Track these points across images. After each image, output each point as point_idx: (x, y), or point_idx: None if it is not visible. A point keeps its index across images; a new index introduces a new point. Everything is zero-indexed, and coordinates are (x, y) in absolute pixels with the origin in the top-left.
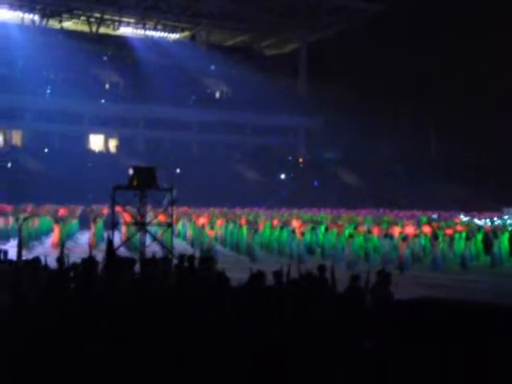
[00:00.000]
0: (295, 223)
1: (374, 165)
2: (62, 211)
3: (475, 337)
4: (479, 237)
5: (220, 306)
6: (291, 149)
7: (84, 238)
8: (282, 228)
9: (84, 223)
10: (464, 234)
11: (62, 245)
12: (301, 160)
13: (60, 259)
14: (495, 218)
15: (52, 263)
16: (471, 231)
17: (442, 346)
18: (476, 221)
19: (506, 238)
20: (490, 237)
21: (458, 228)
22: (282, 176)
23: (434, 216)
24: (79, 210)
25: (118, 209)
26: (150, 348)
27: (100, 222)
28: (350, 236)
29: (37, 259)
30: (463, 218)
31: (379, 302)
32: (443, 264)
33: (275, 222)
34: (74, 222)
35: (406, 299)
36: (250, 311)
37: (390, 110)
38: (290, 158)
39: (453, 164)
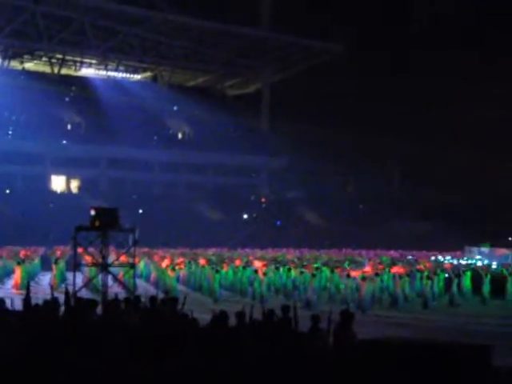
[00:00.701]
0: (257, 263)
1: (337, 204)
2: (23, 252)
3: (441, 376)
4: (441, 276)
5: (185, 346)
6: (254, 188)
7: (46, 279)
8: (244, 268)
9: (46, 264)
10: (426, 274)
11: (27, 286)
12: (263, 200)
13: (26, 300)
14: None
15: (16, 305)
16: (433, 271)
17: None
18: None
19: (468, 277)
20: (451, 276)
21: (420, 267)
22: (245, 216)
23: (410, 257)
24: (41, 251)
25: (80, 250)
26: None
27: (62, 263)
28: (313, 276)
29: (1, 301)
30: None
31: (342, 343)
32: (404, 303)
33: (237, 262)
34: (36, 263)
35: (370, 339)
36: (214, 352)
37: (353, 149)
38: (252, 197)
39: (415, 203)
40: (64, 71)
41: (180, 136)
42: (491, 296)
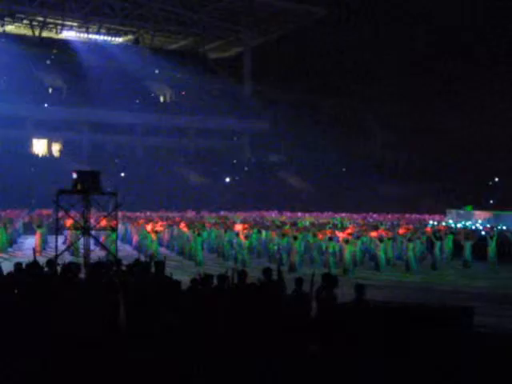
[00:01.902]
0: (238, 226)
1: (319, 167)
2: (4, 215)
3: (417, 335)
4: (423, 239)
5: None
6: (236, 152)
7: (28, 242)
8: (225, 231)
9: (27, 228)
10: (408, 236)
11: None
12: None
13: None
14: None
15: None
16: (415, 234)
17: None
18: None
19: (450, 239)
20: (432, 239)
21: (401, 231)
22: (227, 179)
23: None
24: (22, 214)
25: (62, 214)
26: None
27: (44, 227)
28: (295, 239)
29: None
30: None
31: (324, 306)
32: (387, 266)
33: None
34: (18, 226)
35: (351, 302)
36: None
37: (335, 112)
38: (234, 161)
39: (398, 166)
40: (45, 34)
41: (162, 99)
42: (473, 259)
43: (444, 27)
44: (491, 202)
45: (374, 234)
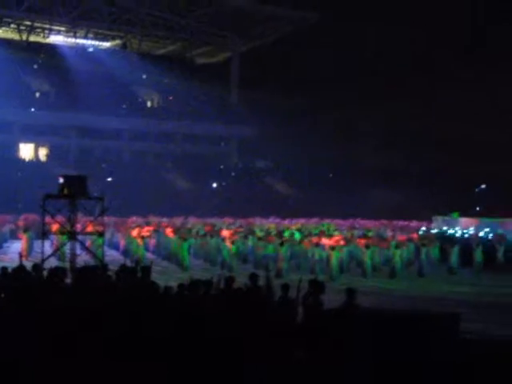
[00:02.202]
0: (225, 232)
1: (306, 173)
2: None
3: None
4: (410, 246)
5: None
6: (223, 157)
7: (14, 247)
8: (211, 237)
9: (13, 233)
10: (393, 243)
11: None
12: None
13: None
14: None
15: None
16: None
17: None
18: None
19: (436, 246)
20: (419, 245)
21: (389, 239)
22: (214, 185)
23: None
24: (8, 219)
25: (48, 218)
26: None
27: (30, 232)
28: (281, 245)
29: None
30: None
31: (310, 312)
32: (372, 272)
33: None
34: (5, 231)
35: (337, 308)
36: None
37: (323, 118)
38: (221, 166)
39: (385, 171)
40: (32, 38)
41: (149, 104)
42: (459, 265)
43: (439, 30)
44: (478, 208)
45: (360, 240)
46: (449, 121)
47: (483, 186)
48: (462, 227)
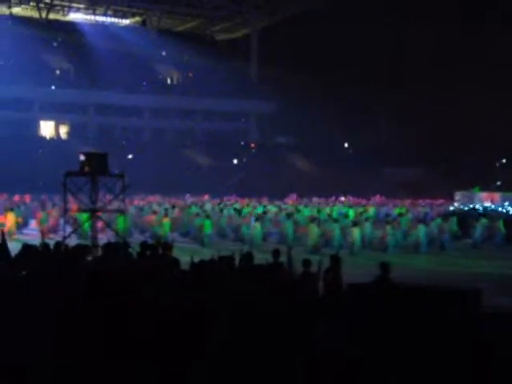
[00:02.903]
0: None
1: (326, 150)
2: (16, 198)
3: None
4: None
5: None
6: (243, 134)
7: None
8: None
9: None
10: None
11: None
12: (253, 145)
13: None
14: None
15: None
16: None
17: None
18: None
19: (454, 221)
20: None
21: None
22: (235, 161)
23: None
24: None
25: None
26: None
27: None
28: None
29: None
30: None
31: (329, 287)
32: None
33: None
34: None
35: (357, 283)
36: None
37: (342, 95)
38: (242, 143)
39: (404, 147)
40: (52, 16)
41: (169, 81)
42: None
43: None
44: (498, 183)
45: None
46: (467, 95)
47: (504, 161)
48: (483, 202)
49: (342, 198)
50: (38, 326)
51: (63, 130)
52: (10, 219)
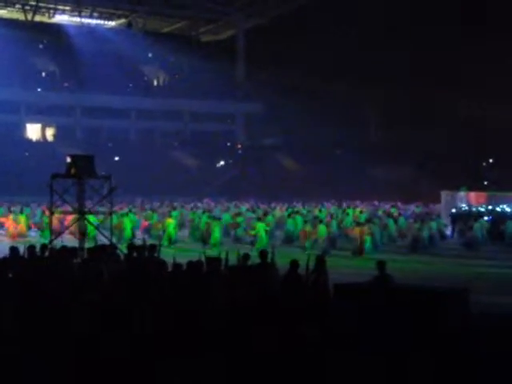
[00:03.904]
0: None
1: (313, 150)
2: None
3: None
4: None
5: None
6: (230, 135)
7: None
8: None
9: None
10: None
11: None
12: (239, 146)
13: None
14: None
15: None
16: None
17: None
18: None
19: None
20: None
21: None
22: (221, 162)
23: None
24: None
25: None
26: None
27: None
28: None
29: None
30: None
31: (314, 287)
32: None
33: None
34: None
35: (345, 283)
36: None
37: (329, 95)
38: (228, 144)
39: (392, 147)
40: (37, 18)
41: (155, 83)
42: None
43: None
44: (485, 183)
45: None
46: (455, 96)
47: (491, 161)
48: (470, 202)
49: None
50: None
51: (50, 133)
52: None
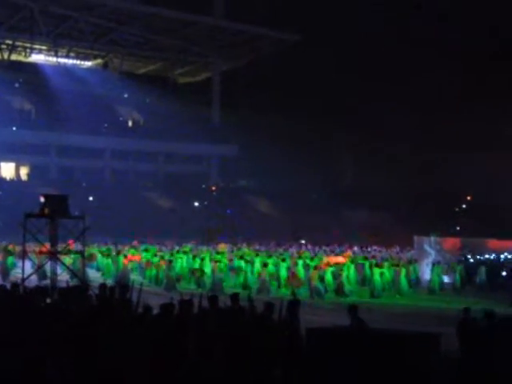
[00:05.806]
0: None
1: (289, 193)
2: None
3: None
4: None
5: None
6: (205, 177)
7: None
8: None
9: None
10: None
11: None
12: (214, 188)
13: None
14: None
15: None
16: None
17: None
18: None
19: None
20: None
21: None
22: (196, 204)
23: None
24: None
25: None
26: None
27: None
28: (265, 265)
29: None
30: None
31: (287, 331)
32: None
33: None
34: None
35: (317, 327)
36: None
37: (305, 139)
38: (203, 186)
39: (367, 193)
40: (14, 57)
41: (130, 124)
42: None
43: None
44: (457, 228)
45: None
46: (431, 144)
47: (464, 206)
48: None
49: (303, 241)
50: None
51: (24, 172)
52: None
